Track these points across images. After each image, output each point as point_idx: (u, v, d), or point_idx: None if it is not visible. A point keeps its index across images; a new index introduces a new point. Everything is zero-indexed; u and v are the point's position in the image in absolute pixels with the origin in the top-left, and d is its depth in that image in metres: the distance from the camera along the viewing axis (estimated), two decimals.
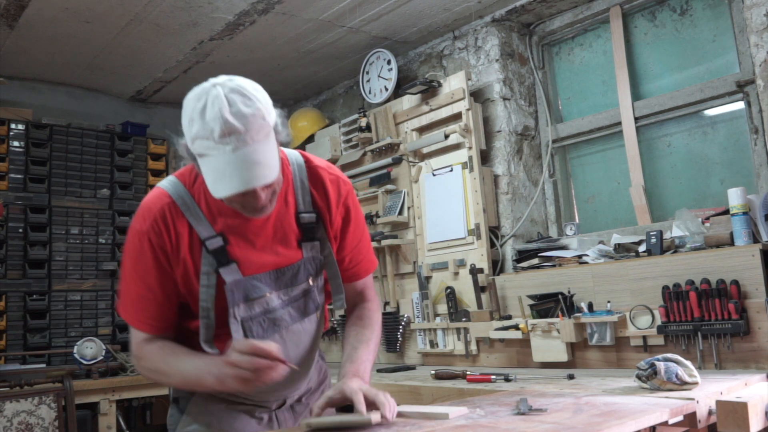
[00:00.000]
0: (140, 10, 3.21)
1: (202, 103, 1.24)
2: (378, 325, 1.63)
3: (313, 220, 1.50)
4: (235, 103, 1.24)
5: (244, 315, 1.43)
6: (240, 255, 1.42)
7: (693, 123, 2.99)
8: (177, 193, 1.41)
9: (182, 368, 1.38)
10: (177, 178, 1.45)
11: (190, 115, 1.26)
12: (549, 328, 2.72)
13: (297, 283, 1.50)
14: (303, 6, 3.25)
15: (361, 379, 1.43)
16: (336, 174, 1.56)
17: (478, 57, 3.51)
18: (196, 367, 1.35)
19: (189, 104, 1.28)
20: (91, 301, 3.99)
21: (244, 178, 1.23)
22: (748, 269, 2.24)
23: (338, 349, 3.62)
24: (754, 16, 2.52)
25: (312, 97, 4.71)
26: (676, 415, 1.57)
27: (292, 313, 1.51)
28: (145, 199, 1.44)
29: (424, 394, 2.57)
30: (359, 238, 1.61)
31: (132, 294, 1.43)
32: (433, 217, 3.47)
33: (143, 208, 1.42)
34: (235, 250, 1.42)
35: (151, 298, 1.41)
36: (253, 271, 1.44)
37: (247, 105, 1.24)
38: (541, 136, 3.52)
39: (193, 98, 1.27)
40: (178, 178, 1.45)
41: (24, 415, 2.99)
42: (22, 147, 3.89)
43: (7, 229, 3.78)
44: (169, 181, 1.45)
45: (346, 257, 1.59)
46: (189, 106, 1.27)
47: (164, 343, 1.43)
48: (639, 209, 3.02)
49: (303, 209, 1.49)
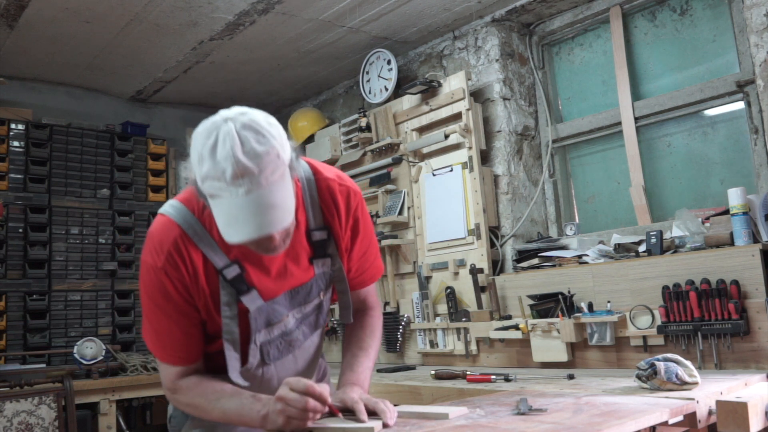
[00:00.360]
0: (140, 10, 3.21)
1: (213, 140, 1.16)
2: (379, 331, 1.63)
3: (324, 237, 1.46)
4: (247, 141, 1.15)
5: (263, 340, 1.41)
6: (256, 280, 1.38)
7: (693, 123, 2.99)
8: (186, 222, 1.34)
9: (225, 407, 1.34)
10: (183, 204, 1.36)
11: (200, 153, 1.17)
12: (549, 328, 2.72)
13: (310, 300, 1.49)
14: (303, 6, 3.25)
15: (361, 387, 1.44)
16: (346, 185, 1.50)
17: (478, 57, 3.51)
18: (239, 405, 1.32)
19: (198, 140, 1.19)
20: (91, 301, 3.99)
21: (258, 224, 1.16)
22: (748, 269, 2.24)
23: (338, 349, 3.62)
24: (754, 16, 2.52)
25: (312, 97, 4.71)
26: (676, 415, 1.57)
27: (304, 330, 1.51)
28: (153, 229, 1.36)
29: (424, 394, 2.57)
30: (367, 247, 1.57)
31: (157, 329, 1.38)
32: (433, 217, 3.47)
33: (154, 241, 1.34)
34: (251, 276, 1.37)
35: (177, 330, 1.36)
36: (271, 294, 1.41)
37: (260, 143, 1.16)
38: (541, 136, 3.51)
39: (203, 133, 1.19)
40: (184, 204, 1.36)
41: (24, 415, 2.99)
42: (22, 147, 3.89)
43: (7, 229, 3.78)
44: (174, 208, 1.36)
45: (353, 267, 1.56)
46: (198, 142, 1.19)
47: (201, 379, 1.39)
48: (639, 209, 3.01)
49: (314, 226, 1.45)
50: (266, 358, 1.43)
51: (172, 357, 1.40)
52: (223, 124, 1.18)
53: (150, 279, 1.34)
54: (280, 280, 1.42)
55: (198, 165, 1.18)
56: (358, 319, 1.63)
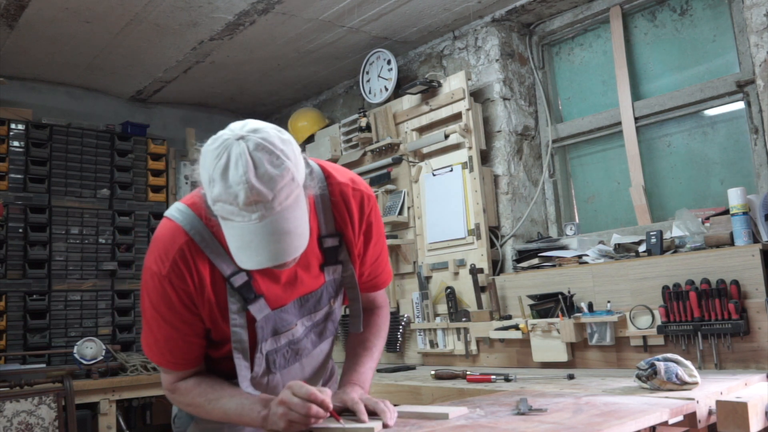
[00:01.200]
0: (140, 10, 3.21)
1: (224, 162, 1.10)
2: (384, 332, 1.61)
3: (336, 243, 1.42)
4: (261, 164, 1.10)
5: (269, 348, 1.40)
6: (265, 288, 1.35)
7: (693, 123, 2.99)
8: (193, 228, 1.28)
9: (225, 406, 1.33)
10: (190, 209, 1.30)
11: (210, 174, 1.12)
12: (549, 328, 2.72)
13: (320, 308, 1.47)
14: (303, 6, 3.25)
15: (362, 387, 1.43)
16: (360, 189, 1.45)
17: (478, 57, 3.51)
18: (239, 405, 1.31)
19: (209, 158, 1.13)
20: (91, 301, 3.99)
21: (272, 252, 1.13)
22: (748, 269, 2.24)
23: (339, 348, 3.62)
24: (754, 16, 2.52)
25: (312, 97, 4.70)
26: (676, 415, 1.57)
27: (313, 338, 1.49)
28: (159, 234, 1.31)
29: (424, 394, 2.57)
30: (379, 252, 1.54)
31: (157, 336, 1.35)
32: (433, 217, 3.47)
33: (159, 248, 1.29)
34: (259, 284, 1.34)
35: (179, 338, 1.34)
36: (280, 303, 1.38)
37: (274, 165, 1.11)
38: (541, 136, 3.51)
39: (213, 153, 1.13)
40: (191, 208, 1.30)
41: (24, 415, 2.99)
42: (22, 147, 3.89)
43: (7, 229, 3.78)
44: (180, 212, 1.31)
45: (366, 271, 1.53)
46: (209, 161, 1.13)
47: (201, 379, 1.38)
48: (639, 209, 3.01)
49: (325, 233, 1.41)
50: (272, 367, 1.42)
51: (172, 364, 1.38)
52: (235, 143, 1.12)
53: (153, 286, 1.30)
54: (289, 288, 1.39)
55: (209, 186, 1.13)
56: (365, 317, 1.61)
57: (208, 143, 1.16)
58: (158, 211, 4.29)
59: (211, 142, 1.15)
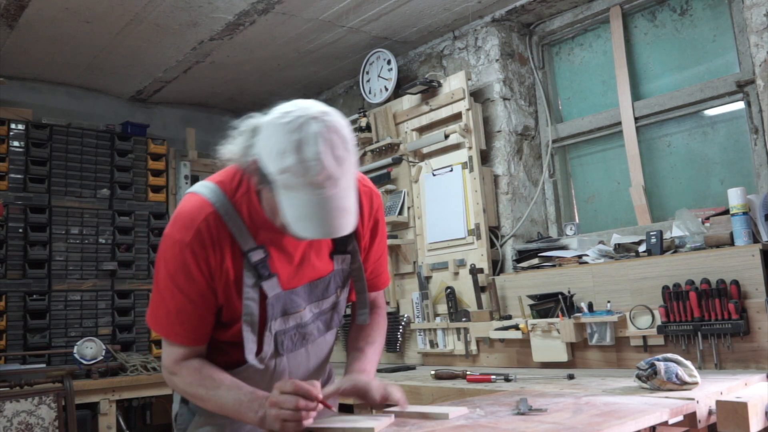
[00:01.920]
0: (140, 10, 3.21)
1: (299, 137, 1.18)
2: (384, 329, 1.65)
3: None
4: (335, 146, 1.19)
5: (278, 329, 1.42)
6: (279, 268, 1.39)
7: (693, 123, 2.99)
8: (219, 202, 1.34)
9: (222, 399, 1.34)
10: (217, 186, 1.36)
11: (284, 146, 1.18)
12: (549, 328, 2.72)
13: (327, 296, 1.50)
14: (303, 6, 3.25)
15: (368, 375, 1.47)
16: (369, 186, 1.54)
17: (478, 57, 3.51)
18: (237, 401, 1.32)
19: (281, 132, 1.20)
20: (91, 301, 3.98)
21: (330, 226, 1.21)
22: (748, 269, 2.24)
23: (339, 348, 3.62)
24: (754, 16, 2.52)
25: (312, 97, 4.67)
26: (676, 415, 1.57)
27: (320, 326, 1.52)
28: (184, 206, 1.36)
29: (424, 394, 2.57)
30: (382, 251, 1.62)
31: (170, 306, 1.36)
32: (433, 217, 3.47)
33: (184, 217, 1.34)
34: (274, 263, 1.38)
35: (192, 311, 1.35)
36: (292, 284, 1.42)
37: (345, 149, 1.21)
38: (541, 136, 3.51)
39: (286, 127, 1.20)
40: (218, 185, 1.36)
41: (24, 415, 2.99)
42: (22, 147, 3.89)
43: (7, 229, 3.78)
44: (208, 188, 1.36)
45: (369, 268, 1.59)
46: (281, 134, 1.20)
47: (203, 365, 1.39)
48: (639, 209, 3.01)
49: None
50: (280, 348, 1.44)
51: (179, 336, 1.38)
52: (311, 121, 1.20)
53: (173, 254, 1.33)
54: (301, 269, 1.43)
55: (279, 157, 1.18)
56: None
57: (273, 117, 1.23)
58: (158, 211, 4.29)
59: (280, 116, 1.22)
